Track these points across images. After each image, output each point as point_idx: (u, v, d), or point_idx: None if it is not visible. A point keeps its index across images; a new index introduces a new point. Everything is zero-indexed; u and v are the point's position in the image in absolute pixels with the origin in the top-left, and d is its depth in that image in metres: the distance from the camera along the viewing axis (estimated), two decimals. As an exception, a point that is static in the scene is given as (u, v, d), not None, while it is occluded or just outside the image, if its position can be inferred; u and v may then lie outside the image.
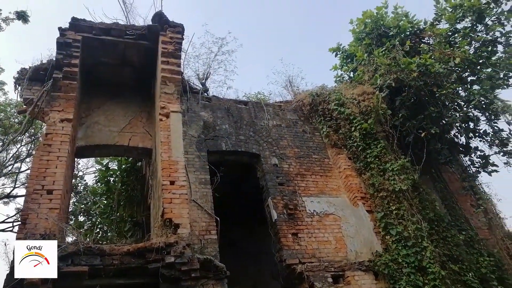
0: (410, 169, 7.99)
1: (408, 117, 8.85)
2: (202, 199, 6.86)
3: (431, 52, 9.11)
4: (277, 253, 7.05)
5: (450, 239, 7.49)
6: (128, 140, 7.89)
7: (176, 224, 5.75)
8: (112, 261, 5.24)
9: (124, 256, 5.31)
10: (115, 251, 5.30)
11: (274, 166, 8.14)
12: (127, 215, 9.64)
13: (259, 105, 9.39)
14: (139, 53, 8.02)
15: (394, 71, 8.81)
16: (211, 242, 6.37)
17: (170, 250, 5.39)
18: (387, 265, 6.76)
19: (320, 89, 9.93)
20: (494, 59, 9.38)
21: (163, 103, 7.20)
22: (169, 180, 6.24)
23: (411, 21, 10.15)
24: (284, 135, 8.92)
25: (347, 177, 8.28)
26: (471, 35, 9.47)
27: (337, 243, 7.28)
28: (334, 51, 11.79)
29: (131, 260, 5.31)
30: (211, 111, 8.58)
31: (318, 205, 7.79)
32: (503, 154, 9.03)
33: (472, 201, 9.00)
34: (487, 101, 8.79)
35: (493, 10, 9.48)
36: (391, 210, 7.38)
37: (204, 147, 7.75)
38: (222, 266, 5.90)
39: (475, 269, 7.30)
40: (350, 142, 8.62)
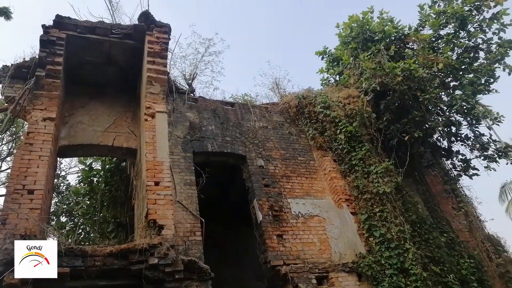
0: (394, 172, 8.11)
1: (392, 120, 8.99)
2: (187, 200, 6.83)
3: (415, 57, 9.29)
4: (262, 254, 7.05)
5: (432, 241, 7.64)
6: (112, 140, 7.79)
7: (160, 225, 5.70)
8: (94, 262, 5.16)
9: (107, 258, 5.24)
10: (98, 252, 5.22)
11: (260, 167, 8.16)
12: (110, 216, 9.50)
13: (246, 106, 9.40)
14: (125, 53, 7.94)
15: (379, 75, 8.94)
16: (195, 244, 6.34)
17: (154, 251, 5.33)
18: (370, 266, 6.84)
19: (306, 92, 10.00)
20: (476, 65, 9.63)
21: (148, 103, 7.13)
22: (154, 181, 6.18)
23: (396, 26, 10.32)
24: (271, 137, 8.95)
25: (332, 179, 8.35)
26: (454, 41, 9.70)
27: (322, 244, 7.33)
28: (320, 55, 11.89)
29: (113, 262, 5.24)
30: (197, 112, 8.54)
31: (303, 206, 7.83)
32: (483, 158, 9.27)
33: (453, 204, 9.20)
34: (469, 106, 9.00)
35: (475, 17, 9.74)
36: (375, 212, 7.47)
37: (189, 148, 7.71)
38: (206, 268, 5.87)
39: (456, 271, 7.46)
40: (335, 145, 8.70)
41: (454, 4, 9.88)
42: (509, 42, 9.44)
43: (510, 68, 9.39)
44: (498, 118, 8.78)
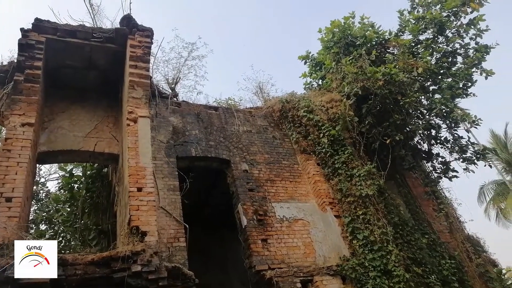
0: (376, 174, 8.21)
1: (374, 124, 9.11)
2: (170, 206, 6.76)
3: (395, 62, 9.46)
4: (247, 259, 7.03)
5: (414, 243, 7.75)
6: (93, 145, 7.65)
7: (143, 232, 5.61)
8: (75, 271, 5.03)
9: (88, 266, 5.11)
10: (79, 260, 5.10)
11: (244, 172, 8.14)
12: (91, 223, 9.31)
13: (230, 110, 9.39)
14: (106, 57, 7.83)
15: (361, 80, 9.06)
16: (179, 250, 6.27)
17: (137, 258, 5.23)
18: (354, 269, 6.89)
19: (290, 96, 10.07)
20: (454, 69, 9.89)
21: (130, 107, 7.04)
22: (137, 187, 6.09)
23: (377, 32, 10.51)
24: (255, 141, 8.95)
25: (315, 182, 8.40)
26: (432, 46, 9.94)
27: (306, 248, 7.36)
28: (303, 59, 11.99)
29: (95, 270, 5.12)
30: (180, 116, 8.49)
31: (287, 210, 7.85)
32: (462, 160, 9.49)
33: (434, 206, 9.36)
34: (448, 109, 9.21)
35: (453, 23, 10.01)
36: (358, 215, 7.54)
37: (173, 152, 7.64)
38: (190, 274, 5.80)
39: (437, 272, 7.58)
40: (318, 148, 8.76)
41: (433, 10, 10.14)
42: (485, 47, 9.72)
43: (487, 72, 9.66)
44: (476, 121, 9.01)
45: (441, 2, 10.10)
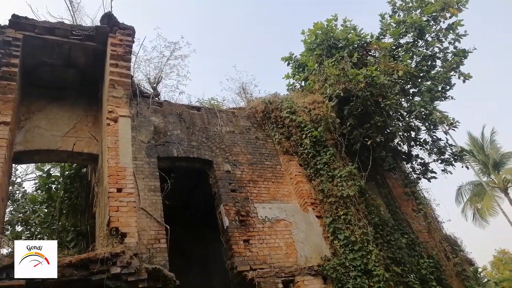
0: (357, 175, 8.31)
1: (355, 125, 9.21)
2: (151, 207, 6.67)
3: (376, 65, 9.59)
4: (229, 260, 7.00)
5: (393, 243, 7.88)
6: (72, 145, 7.49)
7: (123, 233, 5.52)
8: (52, 273, 4.91)
9: (66, 268, 4.99)
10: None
11: (226, 172, 8.11)
12: (70, 225, 9.10)
13: (213, 111, 9.35)
14: (86, 55, 7.68)
15: (343, 82, 9.15)
16: (160, 251, 6.20)
17: (116, 260, 5.14)
18: (335, 269, 6.95)
19: (273, 97, 10.09)
20: (433, 73, 10.10)
21: (111, 107, 6.92)
22: (116, 188, 5.99)
23: (359, 34, 10.64)
24: (237, 141, 8.93)
25: (298, 183, 8.44)
26: (413, 50, 10.13)
27: (288, 248, 7.38)
28: (286, 60, 12.04)
29: (73, 272, 5.00)
30: (162, 116, 8.39)
31: (270, 211, 7.86)
32: (440, 161, 9.70)
33: (413, 206, 9.53)
34: (427, 112, 9.39)
35: (433, 27, 10.23)
36: (339, 215, 7.61)
37: (154, 153, 7.55)
38: (171, 276, 5.74)
39: (416, 271, 7.72)
40: (301, 149, 8.81)
41: (413, 14, 10.34)
42: (463, 51, 9.96)
43: (465, 75, 9.91)
44: (454, 123, 9.21)
45: (421, 6, 10.31)
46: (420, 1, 10.37)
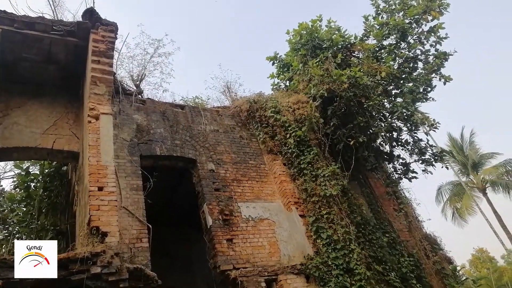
0: (340, 175, 8.39)
1: (339, 125, 9.30)
2: (133, 206, 6.58)
3: (360, 66, 9.71)
4: (212, 259, 6.98)
5: (375, 241, 8.00)
6: (52, 142, 7.34)
7: (104, 232, 5.44)
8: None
9: (44, 268, 4.89)
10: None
11: (210, 171, 8.08)
12: (49, 224, 8.91)
13: (197, 109, 9.28)
14: (67, 51, 7.53)
15: (327, 82, 9.23)
16: (142, 251, 6.12)
17: (97, 260, 5.06)
18: (317, 267, 7.00)
19: (257, 96, 10.09)
20: (415, 74, 10.29)
21: (92, 104, 6.80)
22: (97, 186, 5.89)
23: (343, 35, 10.75)
24: (221, 140, 8.90)
25: (281, 182, 8.46)
26: (395, 52, 10.30)
27: (271, 247, 7.40)
28: (271, 60, 12.07)
29: (52, 272, 4.90)
30: (145, 114, 8.29)
31: (253, 210, 7.86)
32: (421, 162, 9.89)
33: (394, 205, 9.69)
34: (409, 113, 9.56)
35: (415, 29, 10.43)
36: (322, 214, 7.67)
37: (136, 151, 7.45)
38: (153, 275, 5.68)
39: (397, 269, 7.85)
40: (285, 149, 8.84)
41: (396, 17, 10.51)
42: (444, 54, 10.19)
43: (445, 78, 10.13)
44: (435, 124, 9.40)
45: (404, 9, 10.48)
46: (403, 4, 10.54)
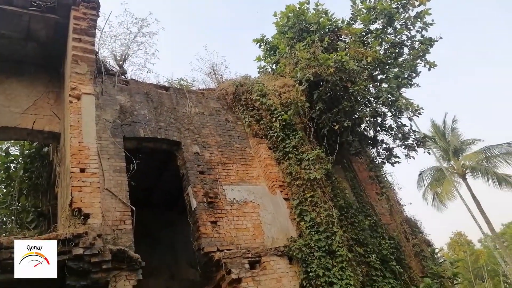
0: (324, 159, 8.46)
1: (324, 110, 9.31)
2: (116, 188, 6.50)
3: (346, 50, 9.69)
4: (196, 241, 7.00)
5: (357, 224, 8.14)
6: (32, 122, 7.16)
7: (86, 214, 5.39)
8: (11, 254, 4.74)
9: (25, 249, 4.83)
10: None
11: (195, 154, 8.03)
12: (30, 205, 8.77)
13: (181, 91, 9.15)
14: (47, 28, 7.28)
15: (313, 66, 9.19)
16: (125, 233, 6.09)
17: (79, 241, 5.02)
18: (300, 249, 7.10)
19: (243, 79, 10.00)
20: (401, 60, 10.33)
21: (74, 84, 6.62)
22: (79, 167, 5.80)
23: (330, 19, 10.68)
24: (207, 123, 8.83)
25: (266, 166, 8.49)
26: (382, 37, 10.30)
27: (255, 230, 7.46)
28: (258, 42, 11.94)
29: (33, 253, 4.85)
30: (128, 95, 8.13)
31: (238, 193, 7.88)
32: (404, 147, 10.03)
33: (377, 189, 9.84)
34: (393, 98, 9.62)
35: (402, 15, 10.41)
36: (306, 197, 7.74)
37: (120, 132, 7.33)
38: (136, 257, 5.69)
39: (378, 251, 8.02)
40: (270, 132, 8.84)
41: (383, 1, 10.46)
42: (430, 40, 10.23)
43: (430, 64, 10.21)
44: (418, 110, 9.50)
45: (391, -7, 10.44)
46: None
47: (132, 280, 5.58)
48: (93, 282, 5.02)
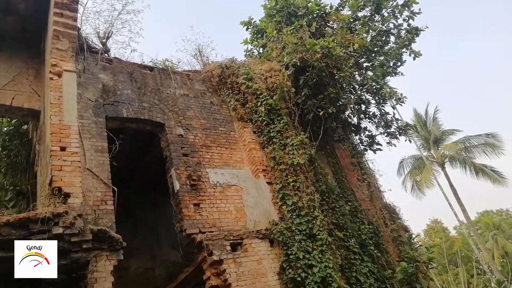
0: (308, 144, 8.52)
1: (309, 96, 9.32)
2: (98, 168, 6.42)
3: (334, 36, 9.67)
4: (178, 223, 7.02)
5: (338, 209, 8.30)
6: (11, 99, 6.94)
7: (66, 193, 5.31)
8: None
9: (3, 227, 4.73)
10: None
11: (179, 136, 7.98)
12: (8, 183, 8.60)
13: (166, 72, 9.01)
14: (27, 1, 6.99)
15: (300, 51, 9.15)
16: (106, 213, 6.05)
17: (59, 220, 4.95)
18: (282, 233, 7.21)
19: (230, 62, 9.89)
20: (387, 48, 10.39)
21: (54, 60, 6.43)
22: (60, 146, 5.68)
23: (319, 4, 10.61)
24: (191, 105, 8.75)
25: (251, 150, 8.51)
26: (369, 24, 10.31)
27: (238, 213, 7.52)
28: (245, 25, 11.77)
29: (11, 232, 4.76)
30: (111, 74, 7.96)
31: (221, 176, 7.90)
32: (386, 135, 10.17)
33: (358, 176, 10.00)
34: (378, 86, 9.70)
35: (389, 2, 10.41)
36: (289, 182, 7.82)
37: (102, 112, 7.20)
38: (118, 237, 5.68)
39: (357, 236, 8.22)
40: (255, 117, 8.83)
41: (372, -13, 10.42)
42: (416, 29, 10.31)
43: (415, 53, 10.30)
44: (402, 98, 9.62)
45: (380, -20, 10.40)
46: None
47: (113, 260, 5.59)
48: (73, 261, 4.98)
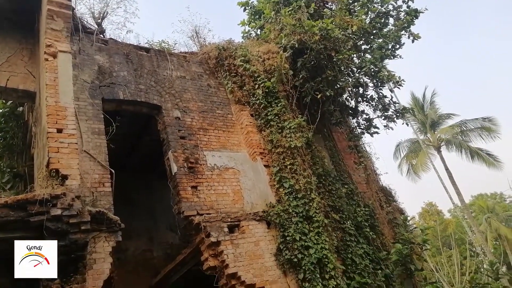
0: (305, 127, 8.52)
1: (307, 78, 9.27)
2: (95, 150, 6.41)
3: (332, 18, 9.54)
4: (176, 205, 7.06)
5: (334, 192, 8.36)
6: (5, 80, 6.85)
7: (64, 175, 5.31)
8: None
9: (1, 209, 4.77)
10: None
11: (176, 119, 7.94)
12: (5, 166, 8.57)
13: (163, 53, 8.90)
14: (20, -21, 6.85)
15: (298, 32, 9.05)
16: (104, 195, 6.08)
17: (57, 202, 4.98)
18: (278, 215, 7.28)
19: (227, 43, 9.77)
20: (386, 31, 10.28)
21: (49, 40, 6.32)
22: (56, 128, 5.65)
23: (317, -15, 10.42)
24: (188, 87, 8.69)
25: (248, 133, 8.50)
26: (368, 6, 10.18)
27: (235, 195, 7.57)
28: (242, 6, 11.61)
29: (9, 213, 4.79)
30: (107, 55, 7.86)
31: (219, 159, 7.91)
32: (384, 118, 10.19)
33: (355, 159, 10.05)
34: (376, 69, 9.65)
35: (389, -17, 10.24)
36: (286, 165, 7.85)
37: (98, 94, 7.14)
38: (116, 219, 5.72)
39: (353, 218, 8.32)
40: (253, 99, 8.78)
41: (372, -32, 10.26)
42: (415, 11, 10.19)
43: (414, 35, 10.22)
44: (400, 82, 9.60)
45: (380, -40, 10.23)
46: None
47: (112, 242, 5.63)
48: (71, 242, 5.03)
